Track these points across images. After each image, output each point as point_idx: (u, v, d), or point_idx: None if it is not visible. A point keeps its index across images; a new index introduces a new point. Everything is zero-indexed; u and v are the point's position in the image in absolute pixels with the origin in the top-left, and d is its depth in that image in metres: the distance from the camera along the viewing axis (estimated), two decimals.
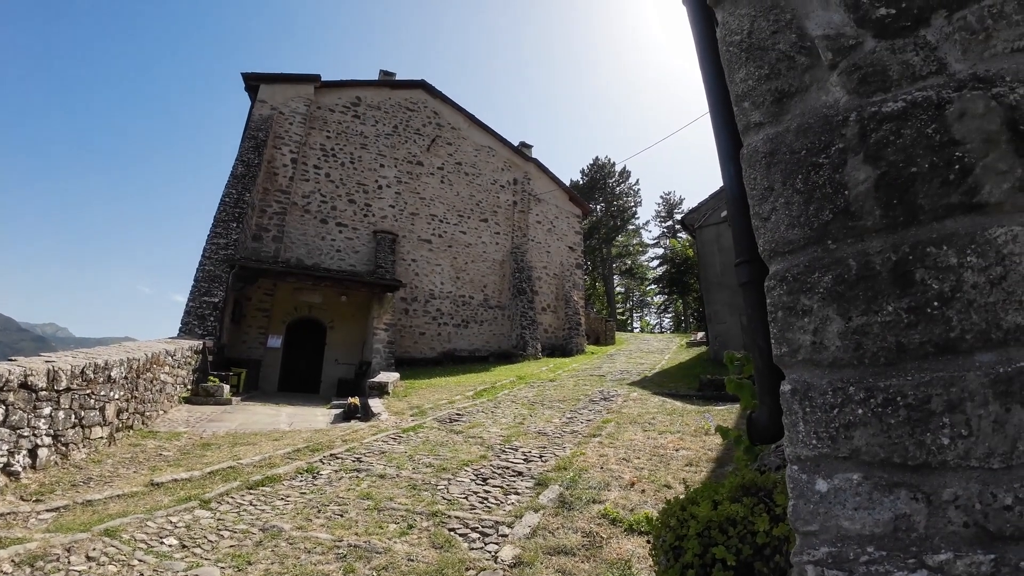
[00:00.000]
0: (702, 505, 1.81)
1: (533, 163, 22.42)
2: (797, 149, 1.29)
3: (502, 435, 6.83)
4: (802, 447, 1.19)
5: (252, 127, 16.42)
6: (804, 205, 1.25)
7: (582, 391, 10.16)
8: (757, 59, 1.41)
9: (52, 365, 5.54)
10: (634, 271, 50.11)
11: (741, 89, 1.45)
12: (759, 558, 1.65)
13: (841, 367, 1.16)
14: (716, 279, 15.73)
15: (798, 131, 1.29)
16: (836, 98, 1.25)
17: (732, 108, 2.08)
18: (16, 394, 4.96)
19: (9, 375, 4.86)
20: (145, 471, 5.59)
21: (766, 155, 1.34)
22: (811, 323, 1.20)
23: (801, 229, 1.24)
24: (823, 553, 1.13)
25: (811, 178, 1.25)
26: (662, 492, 4.55)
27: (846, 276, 1.18)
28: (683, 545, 1.76)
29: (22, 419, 5.03)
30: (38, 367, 5.32)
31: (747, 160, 1.39)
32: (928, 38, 1.17)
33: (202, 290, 12.73)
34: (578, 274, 22.84)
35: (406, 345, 17.18)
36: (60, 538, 3.69)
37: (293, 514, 4.27)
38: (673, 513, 1.86)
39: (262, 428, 8.05)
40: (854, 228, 1.18)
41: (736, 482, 1.90)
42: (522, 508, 4.26)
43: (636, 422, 7.31)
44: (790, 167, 1.29)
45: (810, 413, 1.17)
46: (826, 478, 1.14)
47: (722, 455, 5.57)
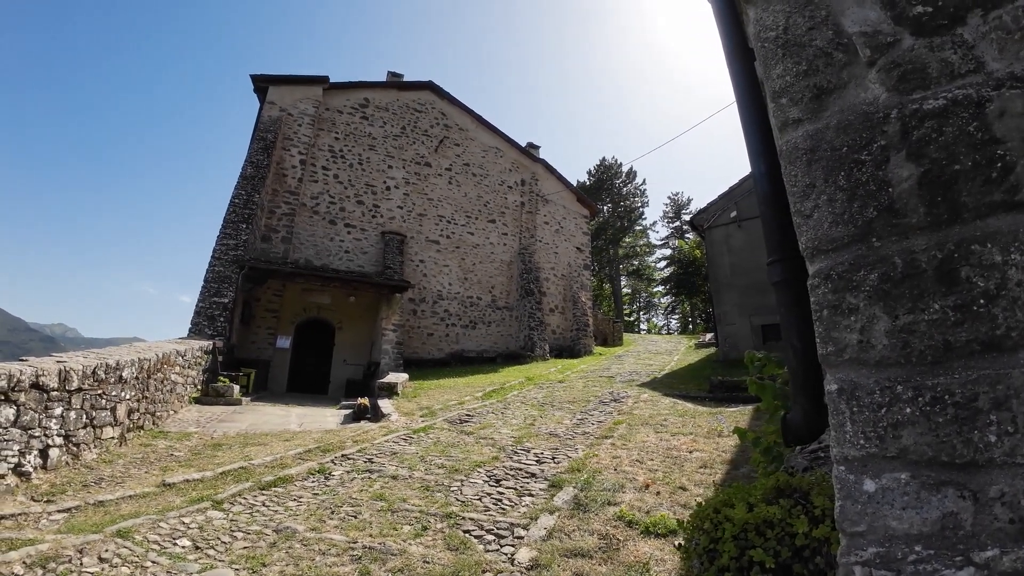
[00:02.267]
0: (737, 507, 1.78)
1: (541, 164, 22.41)
2: (838, 146, 1.28)
3: (513, 436, 6.80)
4: (849, 447, 1.17)
5: (261, 129, 16.51)
6: (847, 202, 1.24)
7: (592, 392, 10.11)
8: (794, 55, 1.40)
9: (64, 365, 5.52)
10: (641, 272, 49.98)
11: (778, 85, 1.43)
12: (798, 560, 1.62)
13: (888, 366, 1.15)
14: (725, 280, 15.65)
15: (838, 128, 1.29)
16: (875, 95, 1.25)
17: (762, 104, 2.06)
18: (27, 394, 4.92)
19: (20, 375, 4.82)
20: (157, 471, 5.57)
21: (806, 152, 1.33)
22: (858, 321, 1.19)
23: (845, 226, 1.24)
24: (871, 554, 1.12)
25: (854, 175, 1.25)
26: (677, 494, 4.51)
27: (892, 274, 1.17)
28: (718, 548, 1.73)
29: (33, 419, 5.00)
30: (50, 367, 5.29)
31: (786, 157, 1.38)
32: (965, 36, 1.17)
33: (212, 291, 12.79)
34: (586, 275, 22.80)
35: (414, 346, 17.19)
36: (72, 539, 3.66)
37: (306, 515, 4.24)
38: (706, 516, 1.83)
39: (272, 428, 8.06)
40: (898, 226, 1.17)
41: (770, 484, 1.87)
42: (537, 510, 4.23)
43: (648, 423, 7.26)
44: (832, 164, 1.28)
45: (857, 413, 1.16)
46: (874, 478, 1.14)
47: (736, 457, 5.52)
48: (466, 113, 21.11)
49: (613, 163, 48.57)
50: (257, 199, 14.81)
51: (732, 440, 6.14)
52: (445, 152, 20.20)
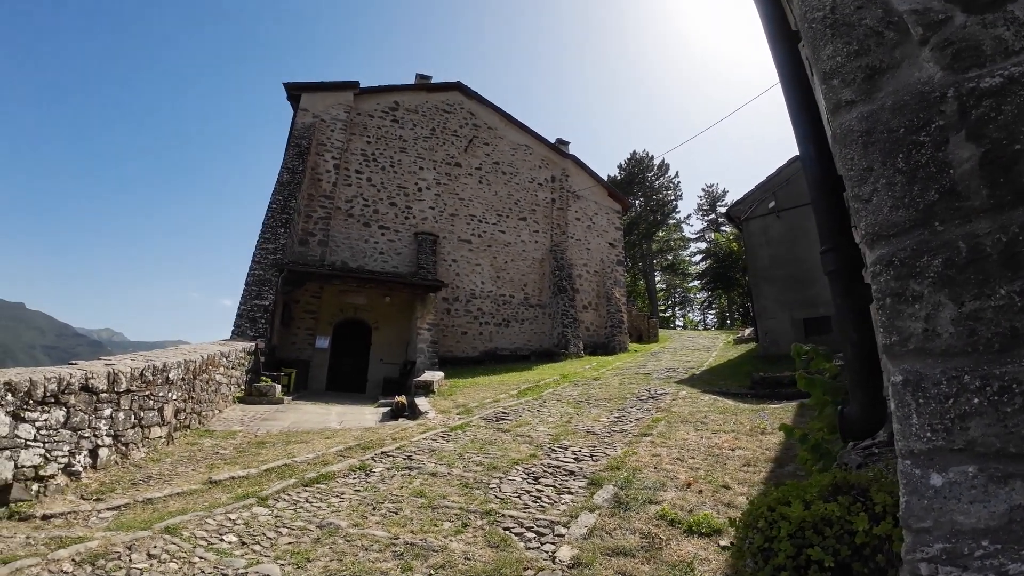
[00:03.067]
0: (793, 505, 1.73)
1: (571, 159, 22.26)
2: (895, 127, 1.24)
3: (550, 434, 6.78)
4: (915, 441, 1.13)
5: (295, 135, 16.91)
6: (907, 185, 1.20)
7: (628, 389, 9.99)
8: (844, 35, 1.37)
9: (112, 368, 5.69)
10: (676, 266, 49.02)
11: (828, 67, 1.39)
12: (857, 558, 1.57)
13: (954, 355, 1.11)
14: (764, 273, 15.24)
15: (894, 109, 1.25)
16: (930, 74, 1.21)
17: (808, 87, 1.99)
18: (77, 396, 5.08)
19: (70, 378, 4.99)
20: (203, 469, 5.70)
21: (862, 134, 1.29)
22: (922, 309, 1.14)
23: (906, 211, 1.19)
24: (937, 550, 1.10)
25: (913, 157, 1.21)
26: (721, 493, 4.41)
27: (956, 259, 1.12)
28: (774, 547, 1.69)
29: (83, 420, 5.15)
30: (98, 370, 5.46)
31: (841, 140, 1.33)
32: (1016, 13, 1.14)
33: (252, 294, 13.19)
34: (619, 271, 22.54)
35: (449, 344, 17.34)
36: (121, 536, 3.75)
37: (349, 511, 4.30)
38: (760, 514, 1.79)
39: (314, 426, 8.23)
40: (961, 209, 1.13)
41: (826, 481, 1.81)
42: (577, 508, 4.20)
43: (687, 421, 7.13)
44: (889, 146, 1.24)
45: (923, 405, 1.12)
46: (940, 472, 1.10)
47: (781, 455, 5.37)
48: (494, 112, 21.14)
49: (644, 156, 47.77)
50: (294, 204, 15.20)
51: (776, 437, 5.98)
52: (475, 151, 20.28)
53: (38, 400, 4.64)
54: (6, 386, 4.34)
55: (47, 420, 4.73)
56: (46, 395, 4.72)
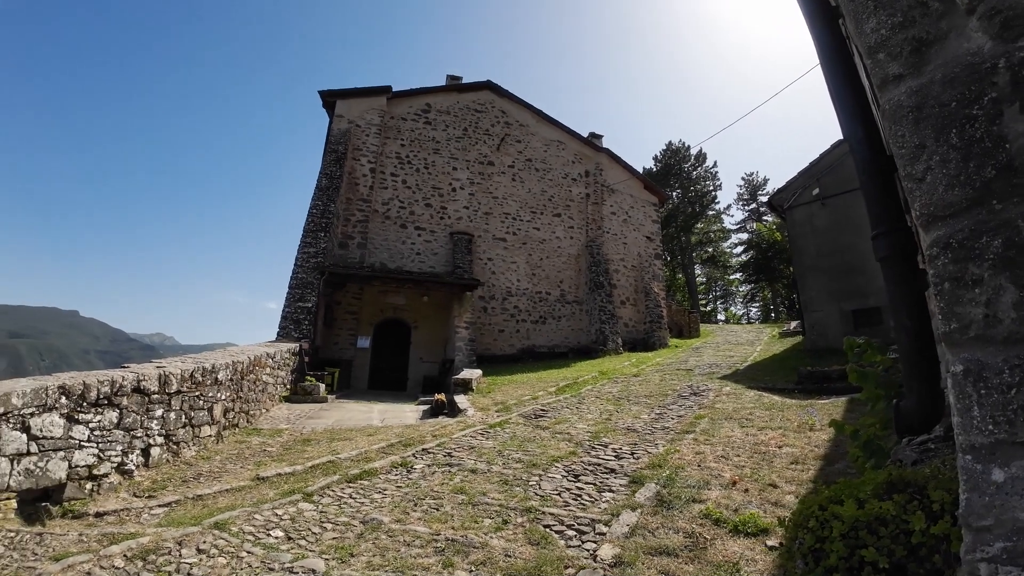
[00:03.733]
0: (846, 504, 1.66)
1: (604, 153, 22.00)
2: (946, 101, 1.16)
3: (590, 431, 6.72)
4: (976, 434, 1.06)
5: (332, 141, 17.34)
6: (962, 162, 1.12)
7: (669, 386, 9.80)
8: (887, 7, 1.29)
9: (163, 370, 5.91)
10: (716, 259, 47.71)
11: (873, 40, 1.31)
12: (913, 559, 1.49)
13: (1017, 342, 1.03)
14: (811, 263, 14.67)
15: (944, 82, 1.17)
16: (979, 44, 1.14)
17: (852, 64, 1.89)
18: (129, 398, 5.29)
19: (122, 381, 5.20)
20: (251, 466, 5.85)
21: (912, 109, 1.22)
22: (983, 294, 1.06)
23: (962, 189, 1.11)
24: (998, 549, 1.04)
25: (967, 132, 1.13)
26: (767, 492, 4.27)
27: (1016, 239, 1.05)
28: (825, 548, 1.62)
29: (135, 421, 5.35)
30: (150, 372, 5.68)
31: (890, 116, 1.26)
32: None
33: (296, 296, 13.59)
34: (657, 265, 22.16)
35: (486, 342, 17.45)
36: (172, 532, 3.85)
37: (391, 507, 4.37)
38: (811, 513, 1.72)
39: (356, 424, 8.41)
40: (1019, 186, 1.06)
41: (880, 479, 1.73)
42: (618, 506, 4.14)
43: (732, 418, 6.95)
44: (941, 121, 1.17)
45: (985, 396, 1.05)
46: (1003, 467, 1.04)
47: (830, 452, 5.17)
48: (526, 108, 21.10)
49: (680, 146, 46.70)
50: (333, 208, 15.58)
51: (825, 434, 5.76)
52: (507, 149, 20.31)
53: (92, 402, 4.83)
54: (60, 390, 4.52)
55: (100, 421, 4.92)
56: (99, 397, 4.91)
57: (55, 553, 3.53)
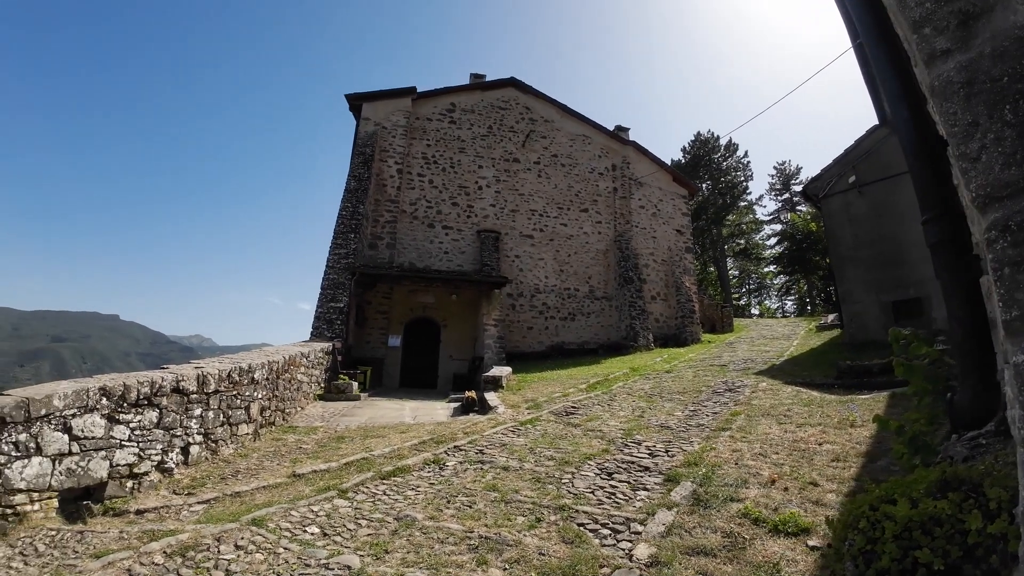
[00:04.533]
0: (899, 504, 1.58)
1: (631, 146, 21.71)
2: (997, 76, 1.08)
3: (622, 428, 6.62)
4: None
5: (359, 144, 17.58)
6: (1019, 139, 1.04)
7: (703, 382, 9.60)
8: None
9: (201, 371, 6.05)
10: (749, 251, 46.56)
11: (918, 14, 1.23)
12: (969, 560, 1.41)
13: None
14: (848, 253, 14.16)
15: (994, 56, 1.09)
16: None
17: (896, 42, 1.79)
18: (169, 398, 5.42)
19: (162, 381, 5.32)
20: (287, 463, 5.94)
21: (963, 85, 1.13)
22: None
23: (1019, 168, 1.03)
24: None
25: (1021, 108, 1.05)
26: (808, 490, 4.13)
27: None
28: (877, 549, 1.55)
29: (175, 420, 5.48)
30: (188, 373, 5.81)
31: (939, 93, 1.18)
32: None
33: (328, 297, 13.85)
34: (688, 258, 21.77)
35: (515, 340, 17.45)
36: (210, 528, 3.90)
37: (424, 504, 4.38)
38: (861, 514, 1.65)
39: (389, 422, 8.51)
40: None
41: (933, 477, 1.64)
42: (653, 505, 4.06)
43: (769, 414, 6.75)
44: (994, 97, 1.08)
45: None
46: None
47: (872, 449, 4.97)
48: (550, 104, 20.98)
49: (709, 137, 45.73)
50: (362, 210, 15.81)
51: (867, 430, 5.56)
52: (532, 146, 20.24)
53: (132, 403, 4.96)
54: (101, 391, 4.64)
55: (141, 421, 5.05)
56: (139, 398, 5.04)
57: (96, 551, 3.60)
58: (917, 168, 1.73)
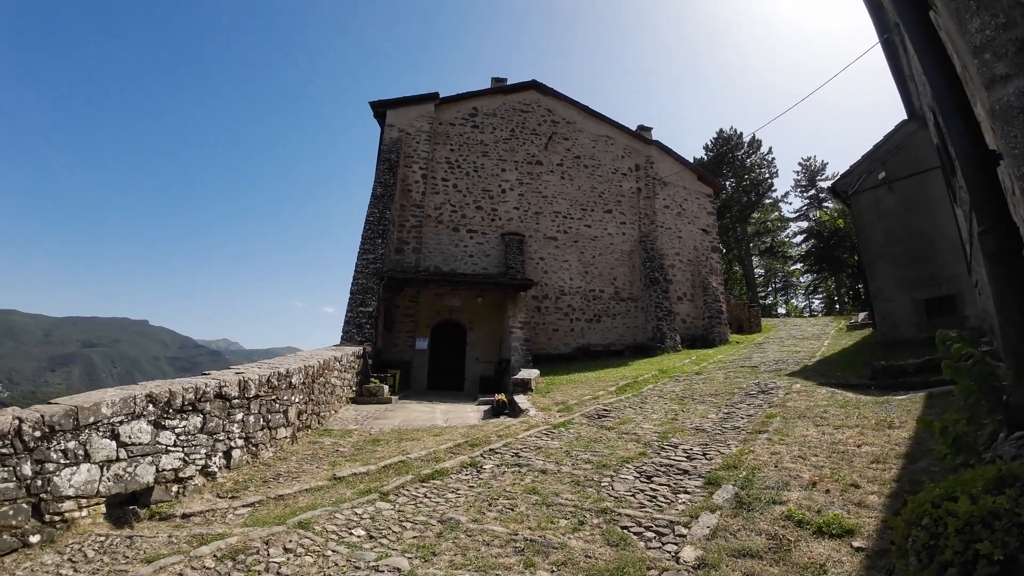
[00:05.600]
0: (960, 500, 1.72)
1: (654, 145, 21.60)
2: None
3: (657, 431, 6.64)
4: None
5: (384, 150, 17.85)
6: None
7: (735, 384, 9.55)
8: (989, 8, 1.27)
9: (242, 376, 6.20)
10: (775, 249, 45.71)
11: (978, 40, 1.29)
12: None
13: None
14: (878, 251, 13.89)
15: None
16: None
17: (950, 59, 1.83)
18: (212, 404, 5.55)
19: (205, 387, 5.47)
20: (326, 466, 6.05)
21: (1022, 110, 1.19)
22: None
23: None
24: None
25: None
26: (849, 492, 4.13)
27: None
28: (940, 543, 1.67)
29: (218, 425, 5.62)
30: (230, 379, 5.97)
31: (1001, 116, 1.23)
32: None
33: (357, 301, 14.10)
34: (715, 258, 21.54)
35: (541, 342, 17.51)
36: (258, 531, 3.97)
37: (466, 507, 4.46)
38: (924, 511, 1.77)
39: (421, 424, 8.64)
40: None
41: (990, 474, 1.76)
42: (696, 508, 4.10)
43: (805, 416, 6.71)
44: None
45: None
46: None
47: (912, 450, 4.93)
48: (572, 105, 21.01)
49: (732, 134, 45.07)
50: (388, 215, 16.06)
51: (905, 431, 5.51)
52: (555, 148, 20.29)
53: (177, 408, 5.09)
54: (147, 398, 4.77)
55: (186, 426, 5.18)
56: (184, 404, 5.18)
57: (146, 555, 3.66)
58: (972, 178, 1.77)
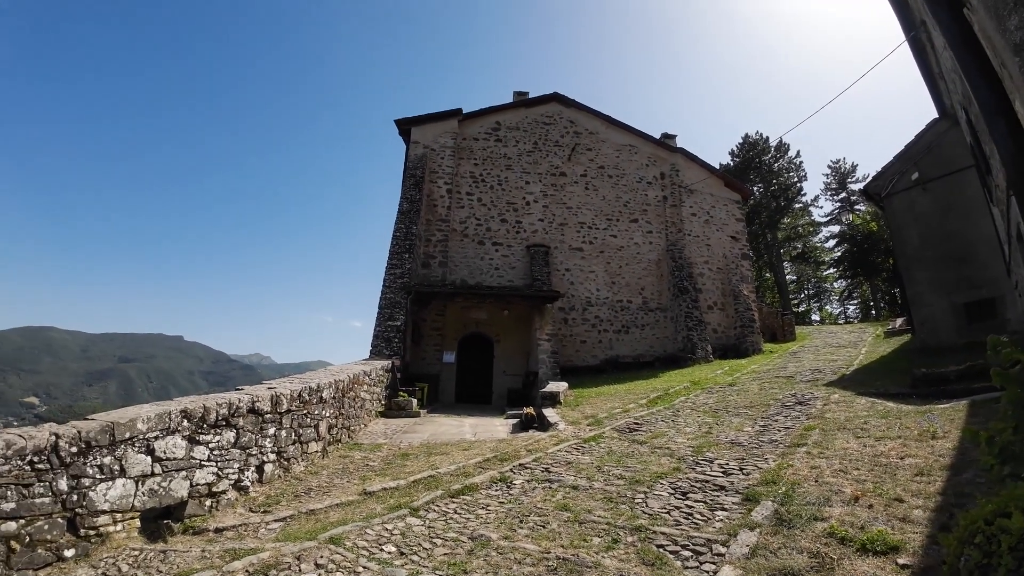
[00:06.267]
0: (1014, 517, 1.62)
1: (679, 153, 21.41)
2: None
3: (691, 445, 6.48)
4: None
5: (410, 167, 18.15)
6: None
7: (771, 395, 9.28)
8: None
9: (274, 391, 6.26)
10: (807, 255, 44.55)
11: (1018, 38, 1.25)
12: None
13: None
14: (915, 254, 13.40)
15: None
16: None
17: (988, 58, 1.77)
18: (245, 419, 5.60)
19: (239, 402, 5.53)
20: (356, 480, 6.05)
21: None
22: None
23: None
24: None
25: None
26: (893, 507, 3.95)
27: None
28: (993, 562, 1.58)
29: (250, 440, 5.66)
30: (263, 394, 6.02)
31: None
32: None
33: (386, 316, 14.26)
34: (745, 265, 21.10)
35: (568, 354, 17.39)
36: (290, 547, 3.93)
37: (497, 523, 4.39)
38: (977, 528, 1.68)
39: (450, 438, 8.60)
40: None
41: None
42: (734, 525, 3.96)
43: (845, 428, 6.46)
44: None
45: None
46: None
47: (956, 461, 4.72)
48: (594, 116, 21.02)
49: (758, 139, 44.32)
50: (415, 230, 16.27)
51: (948, 442, 5.29)
52: (578, 159, 20.29)
53: (211, 424, 5.15)
54: (182, 413, 4.84)
55: (219, 441, 5.23)
56: (218, 419, 5.24)
57: (179, 570, 3.67)
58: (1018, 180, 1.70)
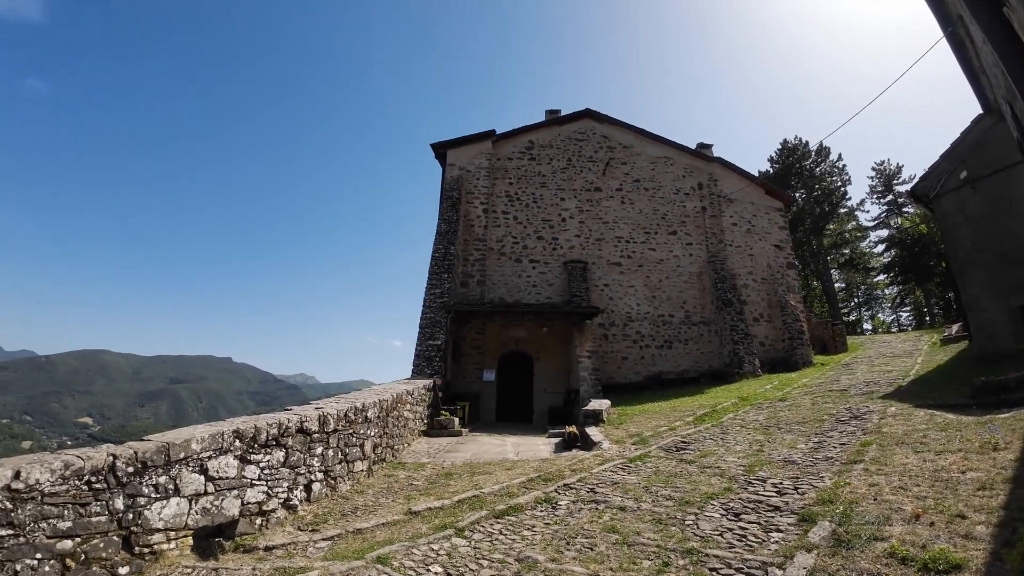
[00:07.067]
0: None
1: (716, 162, 21.05)
2: None
3: (742, 464, 6.29)
4: None
5: (446, 189, 18.53)
6: None
7: (824, 410, 8.90)
8: None
9: (322, 411, 6.38)
10: (855, 261, 42.66)
11: None
12: None
13: None
14: (968, 257, 12.66)
15: None
16: None
17: None
18: (294, 438, 5.72)
19: (288, 423, 5.66)
20: (401, 500, 6.10)
21: None
22: None
23: None
24: None
25: None
26: (955, 524, 3.75)
27: None
28: None
29: (299, 459, 5.78)
30: (311, 414, 6.14)
31: None
32: None
33: (426, 335, 14.46)
34: (791, 275, 20.39)
35: (610, 371, 17.16)
36: (338, 566, 3.96)
37: (543, 545, 4.36)
38: None
39: (493, 458, 8.59)
40: None
41: None
42: (790, 547, 3.82)
43: (903, 442, 6.15)
44: None
45: None
46: None
47: (1019, 473, 4.48)
48: (628, 130, 20.96)
49: (798, 144, 43.08)
50: (453, 250, 16.54)
51: (1010, 453, 5.03)
52: (613, 173, 20.24)
53: (262, 443, 5.29)
54: (235, 434, 4.98)
55: (269, 460, 5.36)
56: (268, 439, 5.37)
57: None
58: None
